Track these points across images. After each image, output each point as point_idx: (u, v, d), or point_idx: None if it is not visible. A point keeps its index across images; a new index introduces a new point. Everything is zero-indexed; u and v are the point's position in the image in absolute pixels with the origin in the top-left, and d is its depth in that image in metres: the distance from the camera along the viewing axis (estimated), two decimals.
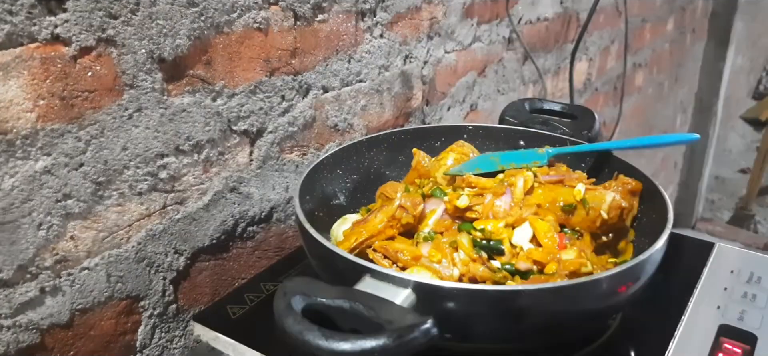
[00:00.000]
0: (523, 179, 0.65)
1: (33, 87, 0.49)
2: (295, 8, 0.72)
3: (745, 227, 3.11)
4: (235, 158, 0.69)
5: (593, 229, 0.62)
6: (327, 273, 0.56)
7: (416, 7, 0.93)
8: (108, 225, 0.58)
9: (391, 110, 0.94)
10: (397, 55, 0.92)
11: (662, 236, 0.54)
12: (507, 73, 1.25)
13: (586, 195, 0.62)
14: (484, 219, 0.62)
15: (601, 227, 0.62)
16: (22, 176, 0.50)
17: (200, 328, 0.63)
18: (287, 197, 0.78)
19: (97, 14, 0.52)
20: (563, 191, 0.64)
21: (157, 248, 0.63)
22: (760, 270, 0.68)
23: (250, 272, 0.75)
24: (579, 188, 0.63)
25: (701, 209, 3.24)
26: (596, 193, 0.63)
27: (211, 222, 0.68)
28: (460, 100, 1.12)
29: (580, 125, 0.82)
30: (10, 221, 0.49)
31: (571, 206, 0.62)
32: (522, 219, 0.61)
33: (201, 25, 0.61)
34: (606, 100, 1.83)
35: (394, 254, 0.58)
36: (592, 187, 0.64)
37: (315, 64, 0.77)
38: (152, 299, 0.64)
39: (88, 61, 0.53)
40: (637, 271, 0.51)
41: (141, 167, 0.59)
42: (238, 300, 0.66)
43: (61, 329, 0.55)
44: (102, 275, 0.58)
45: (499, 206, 0.63)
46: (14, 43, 0.48)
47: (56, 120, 0.51)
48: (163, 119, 0.60)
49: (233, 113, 0.68)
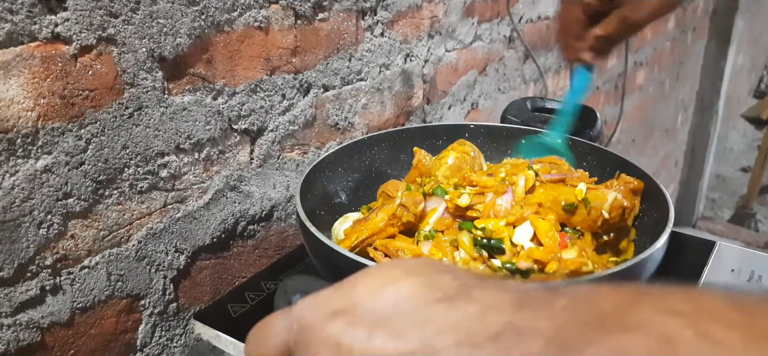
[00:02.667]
0: (524, 177, 0.64)
1: (33, 86, 0.49)
2: (295, 7, 0.72)
3: (746, 225, 3.11)
4: (235, 157, 0.69)
5: (594, 228, 0.62)
6: (328, 272, 0.56)
7: (417, 5, 0.93)
8: (108, 224, 0.58)
9: (392, 109, 0.94)
10: (397, 54, 0.92)
11: (663, 235, 0.54)
12: (508, 72, 1.25)
13: (587, 195, 0.62)
14: (485, 218, 0.61)
15: (603, 227, 0.62)
16: (22, 175, 0.50)
17: (201, 327, 0.63)
18: (288, 196, 0.78)
19: (98, 13, 0.52)
20: (565, 190, 0.63)
21: (157, 246, 0.63)
22: (760, 269, 0.68)
23: (251, 270, 0.75)
24: (581, 187, 0.62)
25: (702, 207, 3.24)
26: (598, 192, 0.62)
27: (211, 221, 0.68)
28: (460, 99, 1.12)
29: (581, 124, 0.82)
30: (10, 220, 0.49)
31: (572, 206, 0.62)
32: (523, 218, 0.61)
33: (202, 23, 0.61)
34: (607, 98, 1.82)
35: (395, 253, 0.58)
36: (593, 186, 0.64)
37: (315, 62, 0.77)
38: (153, 297, 0.64)
39: (88, 60, 0.53)
40: (638, 270, 0.51)
41: (141, 166, 0.59)
42: (239, 298, 0.66)
43: (61, 327, 0.55)
44: (102, 273, 0.58)
45: (501, 205, 0.62)
46: (15, 42, 0.48)
47: (57, 119, 0.51)
48: (163, 117, 0.60)
49: (234, 111, 0.68)
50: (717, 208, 3.34)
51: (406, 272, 0.26)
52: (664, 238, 0.53)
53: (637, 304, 0.22)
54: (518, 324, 0.22)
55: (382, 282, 0.25)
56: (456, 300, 0.24)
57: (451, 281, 0.25)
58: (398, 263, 0.27)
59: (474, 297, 0.24)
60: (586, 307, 0.22)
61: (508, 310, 0.23)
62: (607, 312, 0.22)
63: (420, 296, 0.24)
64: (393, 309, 0.24)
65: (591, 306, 0.22)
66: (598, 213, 0.61)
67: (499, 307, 0.23)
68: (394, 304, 0.24)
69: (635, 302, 0.22)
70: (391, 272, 0.26)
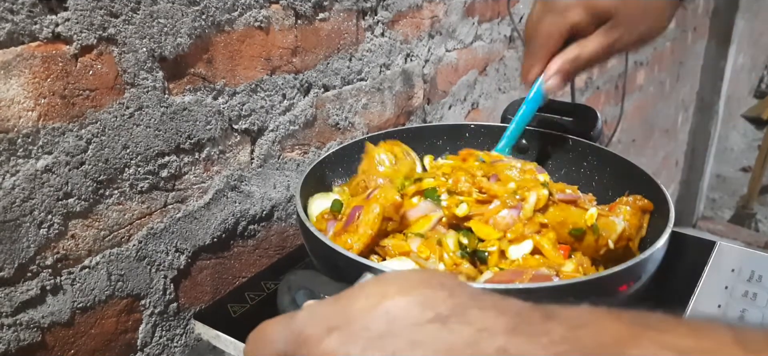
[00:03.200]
0: (536, 195, 0.59)
1: (34, 86, 0.49)
2: (296, 7, 0.72)
3: (746, 225, 3.11)
4: (236, 157, 0.69)
5: (596, 256, 0.58)
6: (328, 272, 0.56)
7: (417, 5, 0.93)
8: (109, 224, 0.58)
9: (393, 109, 0.94)
10: (398, 54, 0.92)
11: (663, 235, 0.53)
12: (508, 72, 1.25)
13: (598, 221, 0.58)
14: (482, 224, 0.58)
15: (604, 256, 0.58)
16: (23, 175, 0.50)
17: (201, 327, 0.63)
18: (288, 196, 0.78)
19: (98, 13, 0.52)
20: (574, 213, 0.59)
21: (158, 246, 0.63)
22: (761, 269, 0.68)
23: (251, 270, 0.75)
24: (592, 211, 0.58)
25: (702, 207, 3.24)
26: (608, 220, 0.58)
27: (212, 221, 0.68)
28: (461, 98, 1.12)
29: (582, 124, 0.82)
30: (11, 220, 0.50)
31: (580, 232, 0.57)
32: (524, 237, 0.57)
33: (202, 23, 0.61)
34: (607, 98, 1.82)
35: (383, 249, 0.57)
36: (604, 212, 0.60)
37: (316, 62, 0.77)
38: (153, 297, 0.64)
39: (89, 60, 0.53)
40: (639, 270, 0.51)
41: (142, 166, 0.59)
42: (239, 298, 0.66)
43: (62, 327, 0.55)
44: (103, 273, 0.58)
45: (503, 218, 0.58)
46: (15, 41, 0.48)
47: (57, 119, 0.51)
48: (164, 117, 0.60)
49: (234, 111, 0.68)
50: (717, 208, 3.33)
51: (401, 288, 0.25)
52: (665, 238, 0.53)
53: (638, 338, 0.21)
54: (511, 351, 0.22)
55: (378, 298, 0.25)
56: (449, 321, 0.24)
57: (447, 298, 0.25)
58: (396, 278, 0.27)
59: (468, 318, 0.24)
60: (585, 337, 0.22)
61: (502, 335, 0.22)
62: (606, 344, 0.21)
63: (413, 316, 0.24)
64: (386, 328, 0.24)
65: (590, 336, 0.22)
66: (605, 242, 0.57)
67: (492, 331, 0.23)
68: (387, 323, 0.24)
69: (636, 336, 0.21)
70: (388, 287, 0.26)
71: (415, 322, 0.24)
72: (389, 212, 0.57)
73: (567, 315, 0.23)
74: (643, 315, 0.23)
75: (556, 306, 0.24)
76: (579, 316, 0.23)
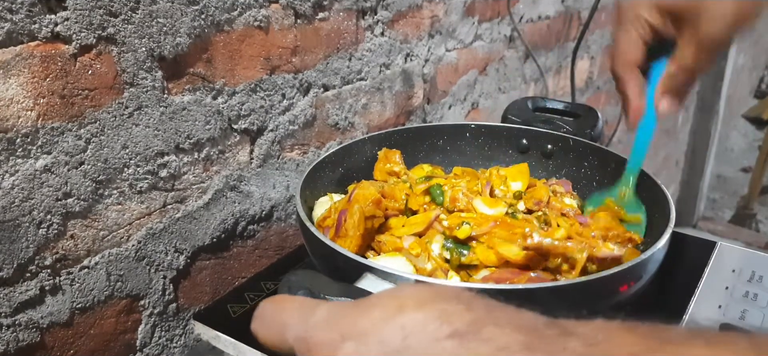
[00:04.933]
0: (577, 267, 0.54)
1: (33, 85, 0.49)
2: (295, 6, 0.72)
3: (746, 226, 3.10)
4: (235, 157, 0.69)
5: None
6: (328, 272, 0.56)
7: (417, 5, 0.93)
8: (108, 224, 0.57)
9: (392, 109, 0.94)
10: (398, 54, 0.92)
11: (664, 236, 0.53)
12: (508, 72, 1.25)
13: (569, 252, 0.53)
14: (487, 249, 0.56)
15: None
16: (22, 175, 0.50)
17: (200, 327, 0.63)
18: (288, 196, 0.78)
19: (98, 12, 0.52)
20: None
21: (157, 246, 0.63)
22: (761, 269, 0.68)
23: (251, 270, 0.75)
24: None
25: (703, 208, 3.24)
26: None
27: (211, 221, 0.68)
28: (461, 98, 1.12)
29: (583, 124, 0.82)
30: (10, 220, 0.49)
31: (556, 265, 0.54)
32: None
33: (201, 23, 0.61)
34: (608, 98, 1.82)
35: (377, 244, 0.58)
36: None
37: (316, 62, 0.77)
38: (152, 298, 0.63)
39: (88, 60, 0.53)
40: (639, 270, 0.51)
41: (141, 166, 0.59)
42: (239, 298, 0.66)
43: (61, 328, 0.55)
44: (102, 274, 0.58)
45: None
46: (14, 41, 0.47)
47: (56, 118, 0.51)
48: (163, 117, 0.60)
49: (234, 111, 0.67)
50: (718, 208, 3.33)
51: (418, 302, 0.25)
52: (665, 238, 0.53)
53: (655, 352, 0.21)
54: None
55: (394, 311, 0.25)
56: (466, 337, 0.23)
57: (464, 313, 0.24)
58: (412, 291, 0.26)
59: (485, 336, 0.23)
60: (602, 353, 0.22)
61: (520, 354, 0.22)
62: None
63: (430, 332, 0.24)
64: (402, 342, 0.24)
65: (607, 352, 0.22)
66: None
67: (510, 350, 0.23)
68: (403, 338, 0.24)
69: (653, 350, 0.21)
70: (404, 300, 0.26)
71: (431, 338, 0.24)
72: (370, 211, 0.57)
73: (583, 331, 0.23)
74: (658, 328, 0.23)
75: (572, 321, 0.24)
76: (595, 332, 0.23)
